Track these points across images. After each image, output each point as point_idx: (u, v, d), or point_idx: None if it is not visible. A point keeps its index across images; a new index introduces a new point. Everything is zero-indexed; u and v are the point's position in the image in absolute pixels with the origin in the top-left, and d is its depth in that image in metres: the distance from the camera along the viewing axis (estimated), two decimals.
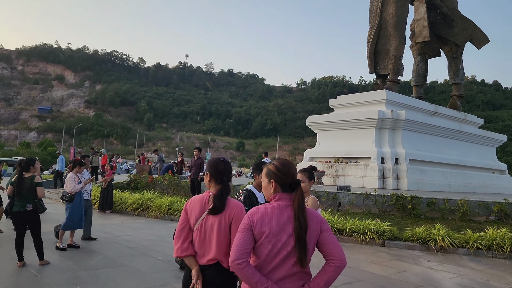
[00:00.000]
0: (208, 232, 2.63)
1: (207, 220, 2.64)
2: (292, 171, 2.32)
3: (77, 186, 8.33)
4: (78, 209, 8.36)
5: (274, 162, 2.38)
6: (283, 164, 2.35)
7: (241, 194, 4.08)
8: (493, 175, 22.96)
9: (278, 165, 2.33)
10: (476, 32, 23.26)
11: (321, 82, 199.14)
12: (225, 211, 2.63)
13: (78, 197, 8.40)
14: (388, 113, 18.03)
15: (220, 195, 2.67)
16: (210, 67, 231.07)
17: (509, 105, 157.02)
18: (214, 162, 2.85)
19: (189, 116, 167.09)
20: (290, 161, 2.43)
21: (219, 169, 2.80)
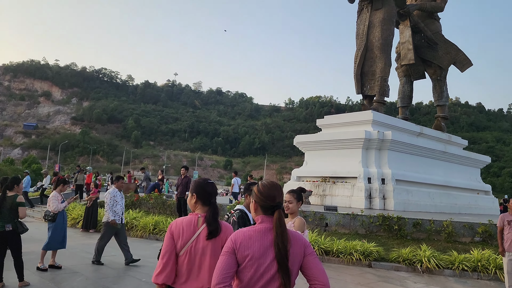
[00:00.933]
0: (198, 256, 2.55)
1: (197, 243, 2.56)
2: (274, 194, 2.30)
3: (60, 205, 8.17)
4: (61, 229, 8.19)
5: (258, 184, 2.37)
6: (265, 186, 2.33)
7: (234, 214, 4.06)
8: (478, 196, 23.23)
9: (260, 187, 2.32)
10: (459, 55, 23.88)
11: (309, 101, 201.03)
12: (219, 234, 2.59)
13: (61, 216, 8.25)
14: (375, 134, 18.23)
15: (214, 217, 2.61)
16: (198, 85, 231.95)
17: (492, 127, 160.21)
18: (202, 183, 2.79)
19: (177, 134, 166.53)
20: (275, 183, 2.42)
21: (208, 190, 2.74)
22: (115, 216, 8.76)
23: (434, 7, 24.38)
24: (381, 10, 20.89)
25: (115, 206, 8.77)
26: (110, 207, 8.75)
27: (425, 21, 24.25)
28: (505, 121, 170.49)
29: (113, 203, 8.78)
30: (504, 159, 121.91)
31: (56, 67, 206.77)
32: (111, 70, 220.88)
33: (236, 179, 20.11)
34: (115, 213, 8.75)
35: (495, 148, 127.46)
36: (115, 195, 8.86)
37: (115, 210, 8.78)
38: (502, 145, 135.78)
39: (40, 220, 15.81)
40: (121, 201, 8.96)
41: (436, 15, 25.03)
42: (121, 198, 8.99)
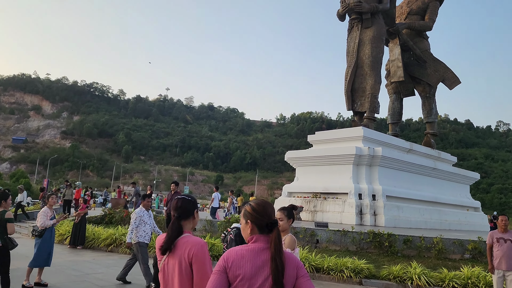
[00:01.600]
0: (170, 274, 2.54)
1: (169, 260, 2.55)
2: (269, 212, 2.30)
3: (48, 222, 8.06)
4: (47, 245, 8.05)
5: (250, 203, 2.36)
6: (259, 204, 2.32)
7: (231, 232, 4.02)
8: (467, 212, 23.36)
9: (254, 206, 2.31)
10: (447, 73, 24.29)
11: (300, 117, 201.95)
12: (183, 249, 2.53)
13: (49, 232, 8.12)
14: (365, 150, 18.34)
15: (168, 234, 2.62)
16: (190, 100, 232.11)
17: (481, 144, 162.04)
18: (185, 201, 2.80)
19: (168, 149, 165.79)
20: (267, 201, 2.42)
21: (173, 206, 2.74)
22: (145, 236, 8.22)
23: (423, 26, 24.87)
24: (371, 29, 21.25)
25: (143, 226, 8.22)
26: (133, 228, 8.18)
27: (414, 39, 24.70)
28: (493, 138, 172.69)
29: (140, 223, 8.21)
30: (493, 175, 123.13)
31: (47, 81, 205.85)
32: (102, 85, 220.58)
33: (217, 194, 20.23)
34: (144, 233, 8.20)
35: (484, 165, 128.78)
36: (141, 215, 8.28)
37: (145, 230, 8.23)
38: (491, 161, 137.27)
39: (27, 236, 15.52)
40: (150, 220, 8.42)
41: (424, 34, 25.52)
42: (149, 217, 8.44)
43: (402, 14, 25.49)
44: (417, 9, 25.20)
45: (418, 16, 25.18)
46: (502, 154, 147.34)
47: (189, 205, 2.74)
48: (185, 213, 2.71)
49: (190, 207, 2.75)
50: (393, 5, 22.73)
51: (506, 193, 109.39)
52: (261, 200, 2.40)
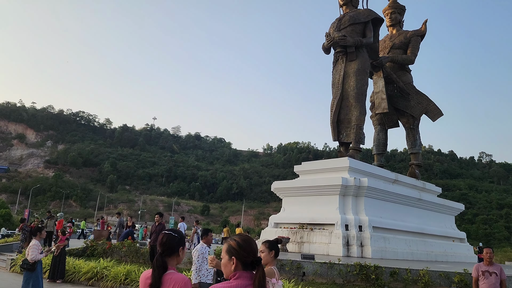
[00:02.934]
0: None
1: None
2: (254, 248, 2.28)
3: (39, 255, 7.97)
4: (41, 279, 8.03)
5: (235, 238, 2.32)
6: (245, 240, 2.29)
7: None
8: (453, 243, 23.38)
9: (240, 242, 2.28)
10: (430, 105, 24.85)
11: (287, 147, 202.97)
12: (167, 287, 2.49)
13: (40, 266, 8.08)
14: (351, 180, 18.40)
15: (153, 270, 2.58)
16: (177, 130, 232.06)
17: (464, 174, 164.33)
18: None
19: (154, 178, 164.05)
20: (250, 237, 2.40)
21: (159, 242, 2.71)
22: (208, 275, 7.61)
23: (405, 59, 25.61)
24: (356, 61, 21.78)
25: (206, 264, 7.56)
26: (197, 268, 7.55)
27: (397, 72, 25.35)
28: (476, 169, 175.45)
29: (202, 261, 7.63)
30: (477, 206, 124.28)
31: (32, 109, 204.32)
32: (89, 113, 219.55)
33: (183, 224, 20.45)
34: (207, 272, 7.61)
35: (468, 195, 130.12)
36: (203, 252, 7.65)
37: (207, 268, 7.62)
38: (475, 192, 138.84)
39: (5, 270, 14.95)
40: None
41: (407, 67, 26.25)
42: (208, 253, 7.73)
43: (385, 48, 26.25)
44: (399, 43, 26.01)
45: (401, 50, 25.95)
46: (485, 185, 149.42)
47: (174, 241, 2.69)
48: (170, 250, 2.66)
49: (175, 244, 2.69)
50: (377, 39, 23.43)
51: (491, 224, 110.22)
52: (245, 236, 2.37)
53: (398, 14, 27.12)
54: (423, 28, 26.49)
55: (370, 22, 22.41)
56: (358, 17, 22.36)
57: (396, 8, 27.22)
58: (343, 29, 22.11)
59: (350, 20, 22.22)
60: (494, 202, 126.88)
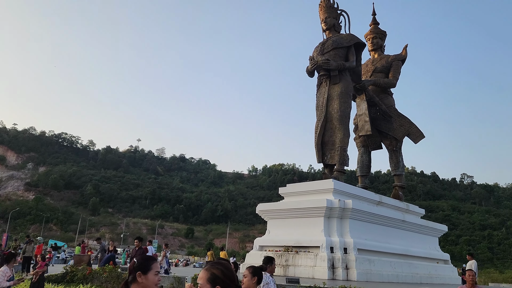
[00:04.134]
0: None
1: None
2: (235, 275, 2.27)
3: (5, 283, 7.64)
4: None
5: (218, 266, 2.27)
6: (228, 268, 2.26)
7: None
8: (437, 265, 23.45)
9: (225, 270, 2.24)
10: (412, 128, 25.31)
11: (272, 169, 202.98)
12: None
13: None
14: (336, 202, 18.43)
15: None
16: (162, 151, 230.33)
17: (447, 196, 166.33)
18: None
19: (138, 201, 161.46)
20: (230, 263, 2.38)
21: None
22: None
23: (387, 83, 26.19)
24: (339, 84, 22.16)
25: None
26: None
27: (380, 95, 25.86)
28: (458, 190, 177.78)
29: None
30: (461, 227, 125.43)
31: (14, 131, 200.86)
32: (71, 135, 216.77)
33: (151, 247, 20.27)
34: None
35: (451, 217, 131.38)
36: (268, 282, 7.04)
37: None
38: (458, 213, 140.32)
39: None
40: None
41: (389, 90, 26.82)
42: (274, 284, 7.27)
43: (368, 71, 26.83)
44: (381, 67, 26.63)
45: (383, 74, 26.55)
46: (468, 206, 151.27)
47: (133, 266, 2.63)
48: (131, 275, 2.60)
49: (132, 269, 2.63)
50: (359, 63, 23.97)
51: (474, 245, 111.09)
52: (226, 263, 2.34)
53: (379, 39, 27.88)
54: (404, 52, 27.23)
55: (353, 47, 22.97)
56: (341, 41, 22.90)
57: (378, 33, 27.99)
58: (326, 53, 22.58)
59: (333, 44, 22.73)
60: (476, 223, 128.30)
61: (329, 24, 23.62)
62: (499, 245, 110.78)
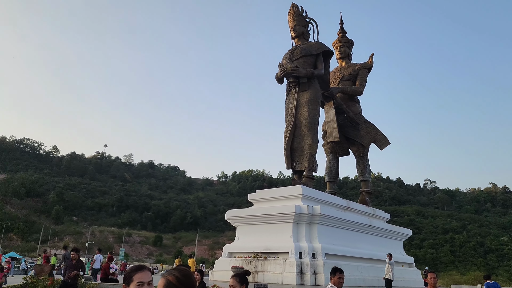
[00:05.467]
0: None
1: None
2: (193, 282, 2.23)
3: None
4: None
5: (174, 273, 2.24)
6: (184, 275, 2.23)
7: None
8: (402, 268, 24.01)
9: (180, 277, 2.21)
10: (378, 135, 25.97)
11: (241, 175, 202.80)
12: None
13: None
14: (305, 208, 18.60)
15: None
16: (129, 158, 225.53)
17: (411, 201, 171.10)
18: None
19: (104, 208, 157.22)
20: (189, 270, 2.34)
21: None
22: None
23: (354, 91, 26.80)
24: (308, 92, 22.49)
25: None
26: None
27: (347, 103, 26.40)
28: (422, 195, 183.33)
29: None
30: (424, 231, 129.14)
31: None
32: (34, 141, 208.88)
33: (99, 256, 19.98)
34: None
35: (415, 221, 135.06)
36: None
37: None
38: (422, 218, 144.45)
39: None
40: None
41: (356, 98, 27.45)
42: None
43: (336, 79, 27.37)
44: (348, 75, 27.24)
45: (350, 81, 27.16)
46: (431, 211, 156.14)
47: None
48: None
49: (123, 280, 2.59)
50: (327, 71, 24.43)
51: (437, 248, 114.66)
52: (184, 270, 2.31)
53: (347, 48, 28.53)
54: (370, 61, 27.96)
55: (321, 55, 23.40)
56: (309, 49, 23.27)
57: (345, 42, 28.64)
58: (295, 60, 22.89)
59: (302, 52, 23.07)
60: (439, 227, 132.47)
61: (298, 32, 23.98)
62: (461, 248, 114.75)
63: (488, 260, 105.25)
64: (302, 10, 24.47)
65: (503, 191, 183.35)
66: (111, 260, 18.25)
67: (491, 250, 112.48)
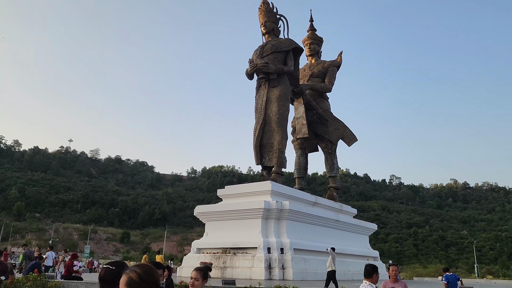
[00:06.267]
0: None
1: None
2: (156, 278, 2.19)
3: None
4: None
5: (135, 270, 2.20)
6: (146, 271, 2.19)
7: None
8: (367, 262, 24.61)
9: (142, 273, 2.17)
10: (346, 131, 26.43)
11: (211, 171, 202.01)
12: None
13: None
14: (273, 204, 18.72)
15: None
16: (96, 153, 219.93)
17: (378, 196, 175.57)
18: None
19: (69, 205, 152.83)
20: (152, 266, 2.30)
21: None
22: None
23: (323, 88, 27.14)
24: (277, 88, 22.58)
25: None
26: None
27: (316, 99, 26.72)
28: (388, 191, 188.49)
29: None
30: (390, 226, 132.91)
31: None
32: None
33: (51, 253, 19.72)
34: None
35: (381, 216, 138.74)
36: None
37: None
38: (387, 213, 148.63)
39: None
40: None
41: (325, 95, 27.81)
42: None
43: (305, 76, 27.63)
44: (318, 72, 27.56)
45: (319, 79, 27.48)
46: (396, 206, 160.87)
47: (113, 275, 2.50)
48: (107, 285, 2.46)
49: (113, 278, 2.50)
50: (297, 67, 24.60)
51: (401, 242, 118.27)
52: (147, 266, 2.26)
53: (316, 45, 28.84)
54: (339, 59, 28.38)
55: (291, 51, 23.53)
56: (280, 46, 23.36)
57: (315, 39, 28.94)
58: (265, 57, 22.92)
59: (272, 48, 23.13)
60: (403, 222, 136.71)
61: (268, 28, 24.01)
62: (423, 241, 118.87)
63: (449, 253, 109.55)
64: (273, 6, 24.52)
65: (463, 186, 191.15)
66: (75, 257, 17.70)
67: (452, 243, 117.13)
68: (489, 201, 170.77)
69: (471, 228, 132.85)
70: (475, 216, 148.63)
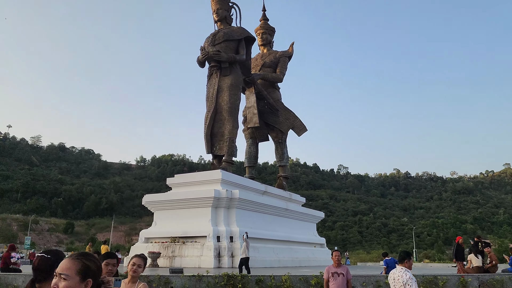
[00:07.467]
0: None
1: None
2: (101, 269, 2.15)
3: None
4: None
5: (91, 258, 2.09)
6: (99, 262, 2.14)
7: None
8: (314, 249, 25.43)
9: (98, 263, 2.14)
10: (296, 122, 26.90)
11: (161, 160, 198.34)
12: None
13: None
14: (223, 192, 18.77)
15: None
16: (37, 140, 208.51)
17: (326, 185, 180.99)
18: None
19: (7, 194, 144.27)
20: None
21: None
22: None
23: (275, 78, 27.38)
24: (229, 77, 22.50)
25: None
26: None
27: (268, 89, 26.92)
28: (336, 180, 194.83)
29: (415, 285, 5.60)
30: (336, 214, 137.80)
31: None
32: None
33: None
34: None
35: (329, 204, 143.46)
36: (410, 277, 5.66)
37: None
38: (334, 201, 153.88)
39: None
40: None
41: (276, 85, 28.08)
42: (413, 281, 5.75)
43: (257, 66, 27.72)
44: (269, 62, 27.73)
45: (271, 69, 27.68)
46: (343, 195, 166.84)
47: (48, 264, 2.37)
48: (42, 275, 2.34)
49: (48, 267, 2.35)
50: (249, 57, 24.61)
51: (347, 229, 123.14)
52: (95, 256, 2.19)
53: (268, 35, 28.96)
54: (291, 50, 28.70)
55: (243, 40, 23.48)
56: (232, 34, 23.23)
57: (267, 29, 29.04)
58: (217, 45, 22.71)
59: (224, 36, 22.95)
60: (349, 210, 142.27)
61: (220, 15, 23.78)
62: (367, 228, 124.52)
63: (391, 239, 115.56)
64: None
65: (405, 176, 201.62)
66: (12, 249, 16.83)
67: (393, 230, 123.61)
68: (428, 190, 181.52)
69: (411, 215, 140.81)
70: (415, 204, 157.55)
